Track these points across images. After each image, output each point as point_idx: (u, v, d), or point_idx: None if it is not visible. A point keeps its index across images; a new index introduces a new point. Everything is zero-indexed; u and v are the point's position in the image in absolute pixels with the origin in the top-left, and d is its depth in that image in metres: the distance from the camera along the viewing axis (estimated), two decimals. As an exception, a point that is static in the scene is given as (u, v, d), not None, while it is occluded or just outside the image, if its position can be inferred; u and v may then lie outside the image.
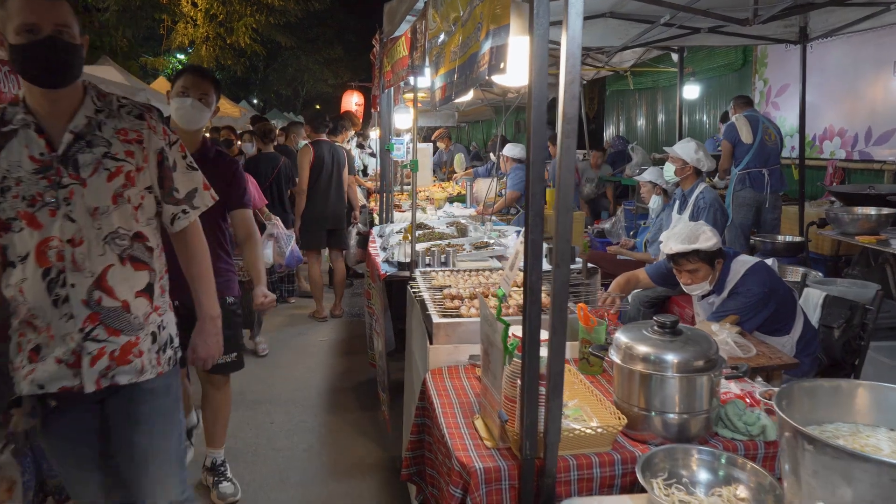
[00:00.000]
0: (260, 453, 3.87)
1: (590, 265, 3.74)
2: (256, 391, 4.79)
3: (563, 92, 1.54)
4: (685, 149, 4.57)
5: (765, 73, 7.96)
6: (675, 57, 5.96)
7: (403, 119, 5.88)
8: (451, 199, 7.34)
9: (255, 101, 26.41)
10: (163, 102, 11.99)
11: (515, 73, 1.81)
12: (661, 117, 10.91)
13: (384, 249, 4.33)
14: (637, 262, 5.77)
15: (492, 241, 4.29)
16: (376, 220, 6.20)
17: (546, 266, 1.91)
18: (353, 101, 10.75)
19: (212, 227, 2.88)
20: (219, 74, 25.85)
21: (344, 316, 6.74)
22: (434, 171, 11.44)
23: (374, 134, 11.20)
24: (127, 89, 10.63)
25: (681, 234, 3.27)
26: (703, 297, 3.43)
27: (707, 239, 3.21)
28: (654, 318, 1.98)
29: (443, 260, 3.81)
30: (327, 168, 6.21)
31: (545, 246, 4.38)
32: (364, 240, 7.91)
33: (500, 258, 4.00)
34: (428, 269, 3.57)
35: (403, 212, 6.33)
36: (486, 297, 2.91)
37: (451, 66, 2.44)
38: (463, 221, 5.20)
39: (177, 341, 2.15)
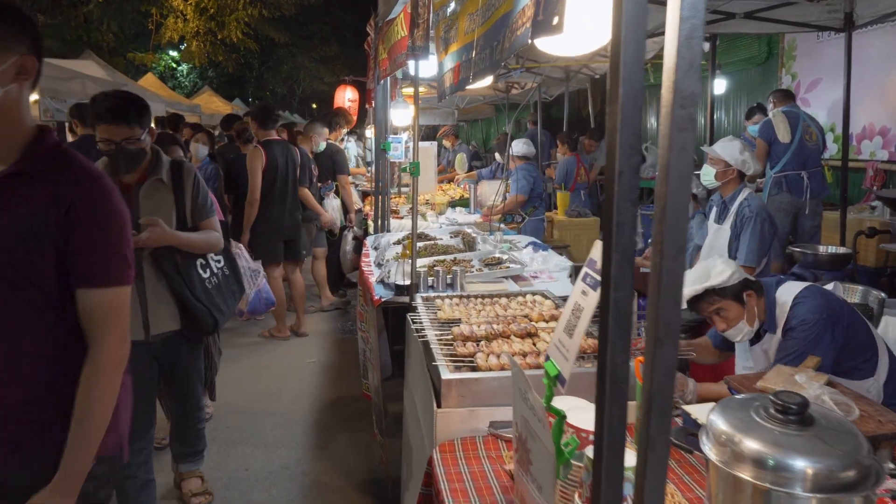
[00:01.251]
0: (231, 512, 3.26)
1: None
2: (233, 426, 4.17)
3: (674, 53, 0.92)
4: (728, 149, 3.95)
5: (793, 66, 7.35)
6: (704, 46, 5.34)
7: (401, 115, 5.26)
8: (452, 204, 6.72)
9: (249, 100, 25.79)
10: (144, 97, 11.45)
11: (578, 31, 1.18)
12: (700, 112, 10.13)
13: (379, 266, 3.71)
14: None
15: (504, 257, 3.67)
16: (370, 228, 5.58)
17: (567, 292, 1.30)
18: (346, 97, 10.11)
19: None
20: (210, 72, 25.31)
21: (337, 332, 6.12)
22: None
23: (370, 132, 10.60)
24: (108, 84, 10.03)
25: (690, 276, 2.72)
26: (754, 342, 2.81)
27: (719, 273, 2.65)
28: (772, 396, 1.36)
29: (449, 281, 3.20)
30: (282, 172, 5.46)
31: (568, 263, 3.75)
32: (358, 244, 7.30)
33: (517, 279, 3.38)
34: (432, 293, 2.95)
35: (401, 218, 5.71)
36: (508, 337, 2.29)
37: (468, 39, 1.81)
38: (469, 231, 4.58)
39: None
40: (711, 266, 2.74)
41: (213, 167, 5.79)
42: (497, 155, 7.55)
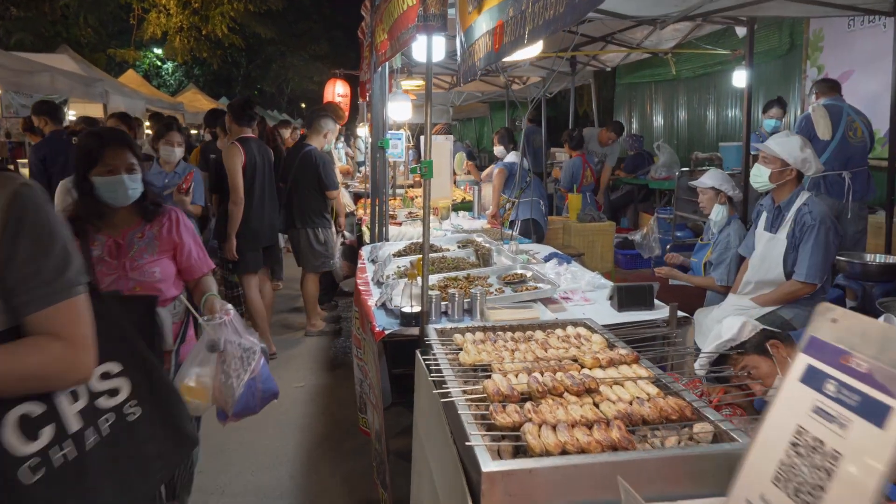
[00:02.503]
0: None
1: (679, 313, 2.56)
2: (207, 469, 3.56)
3: None
4: (786, 146, 3.39)
5: (819, 58, 6.83)
6: (740, 32, 4.79)
7: (400, 109, 4.66)
8: (454, 207, 6.13)
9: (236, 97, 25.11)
10: (123, 94, 10.78)
11: None
12: (702, 111, 9.60)
13: (379, 285, 3.12)
14: (694, 288, 4.61)
15: (528, 273, 3.09)
16: (366, 235, 4.99)
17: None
18: (336, 92, 9.48)
19: None
20: (197, 70, 24.64)
21: (331, 351, 5.51)
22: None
23: (362, 131, 9.96)
24: (80, 80, 9.37)
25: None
26: None
27: (728, 328, 2.36)
28: None
29: (466, 307, 2.62)
30: (260, 172, 4.95)
31: (602, 280, 3.17)
32: (350, 251, 6.71)
33: (548, 303, 2.80)
34: (447, 324, 2.36)
35: (399, 224, 5.12)
36: (561, 394, 1.71)
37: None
38: (480, 240, 4.00)
39: None
40: (721, 326, 2.41)
41: (195, 172, 5.14)
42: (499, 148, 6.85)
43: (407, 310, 2.50)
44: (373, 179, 4.73)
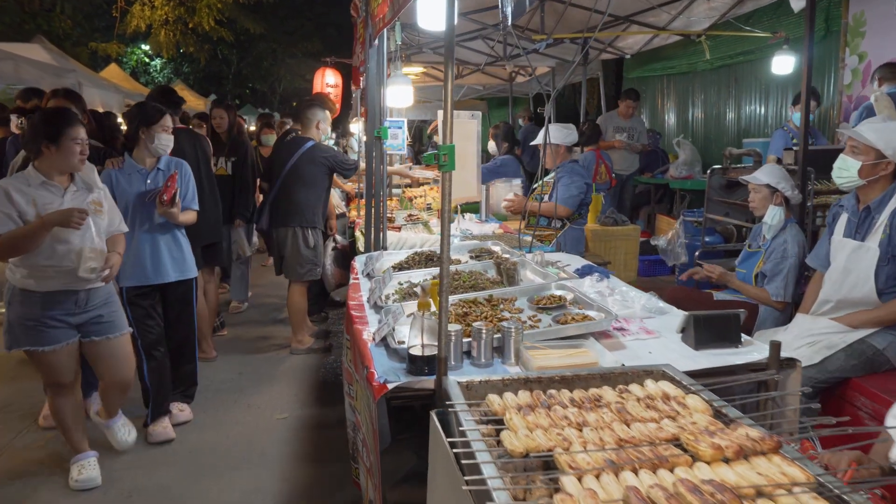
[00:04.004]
0: None
1: (756, 353, 1.89)
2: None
3: None
4: (885, 133, 2.72)
5: (860, 45, 6.19)
6: (796, 6, 4.10)
7: (400, 94, 3.95)
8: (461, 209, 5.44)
9: (227, 97, 24.42)
10: (100, 87, 10.06)
11: None
12: (721, 105, 8.84)
13: (377, 309, 2.43)
14: (742, 304, 3.93)
15: (568, 296, 2.41)
16: (359, 242, 4.30)
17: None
18: (326, 82, 8.75)
19: None
20: (186, 67, 23.87)
21: (321, 372, 4.83)
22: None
23: (356, 127, 9.24)
24: (51, 70, 8.68)
25: None
26: None
27: None
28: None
29: (496, 343, 1.94)
30: (193, 165, 4.27)
31: (661, 304, 2.51)
32: (343, 256, 6.03)
33: (601, 336, 2.12)
34: (475, 376, 1.68)
35: (398, 229, 4.44)
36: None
37: None
38: (498, 250, 3.32)
39: None
40: None
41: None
42: (491, 144, 6.07)
43: (417, 351, 1.82)
44: (368, 177, 4.03)
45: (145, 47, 21.38)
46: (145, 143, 3.54)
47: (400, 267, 3.02)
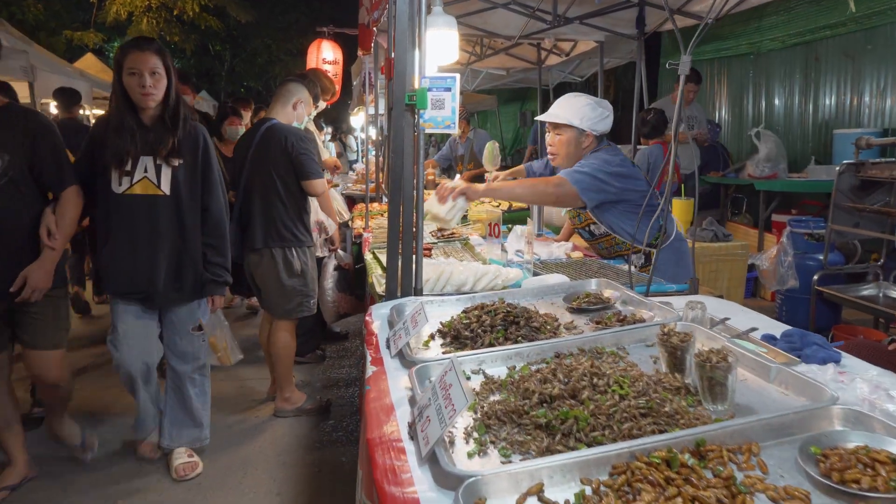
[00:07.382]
0: None
1: None
2: None
3: None
4: None
5: None
6: None
7: (443, 41, 2.47)
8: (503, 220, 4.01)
9: (220, 95, 23.18)
10: (62, 73, 8.64)
11: None
12: (794, 93, 7.30)
13: (413, 434, 1.03)
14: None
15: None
16: (372, 273, 2.89)
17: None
18: (322, 57, 7.27)
19: None
20: (177, 63, 22.55)
21: (317, 451, 3.43)
22: (446, 171, 8.18)
23: (357, 121, 7.78)
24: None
25: None
26: None
27: None
28: None
29: None
30: None
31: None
32: (346, 278, 4.65)
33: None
34: None
35: (427, 253, 3.05)
36: None
37: None
38: (610, 295, 1.92)
39: None
40: None
41: None
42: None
43: None
44: (396, 175, 2.62)
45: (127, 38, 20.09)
46: None
47: (454, 337, 1.62)
